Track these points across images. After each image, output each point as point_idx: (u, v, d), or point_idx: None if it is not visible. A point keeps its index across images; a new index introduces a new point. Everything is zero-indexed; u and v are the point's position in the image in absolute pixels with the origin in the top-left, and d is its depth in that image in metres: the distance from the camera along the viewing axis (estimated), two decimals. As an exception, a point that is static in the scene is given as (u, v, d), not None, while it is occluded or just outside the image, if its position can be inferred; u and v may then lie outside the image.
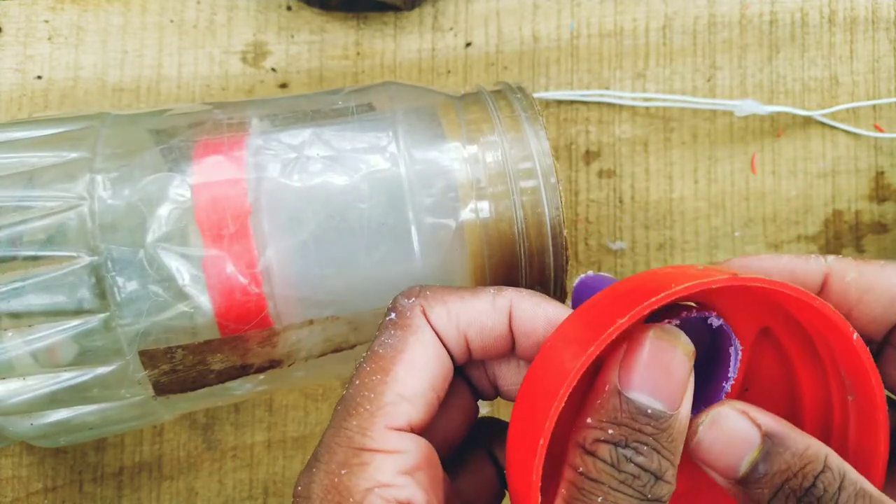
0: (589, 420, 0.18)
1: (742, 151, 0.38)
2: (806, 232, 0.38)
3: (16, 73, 0.35)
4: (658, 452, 0.18)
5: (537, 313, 0.22)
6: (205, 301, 0.24)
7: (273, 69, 0.36)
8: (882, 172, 0.38)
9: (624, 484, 0.17)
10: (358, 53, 0.36)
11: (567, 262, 0.27)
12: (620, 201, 0.37)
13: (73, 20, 0.35)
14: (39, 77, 0.35)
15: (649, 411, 0.18)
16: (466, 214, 0.26)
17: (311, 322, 0.26)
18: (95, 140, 0.26)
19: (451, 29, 0.37)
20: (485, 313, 0.22)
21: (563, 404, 0.18)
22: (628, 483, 0.17)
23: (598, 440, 0.18)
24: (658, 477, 0.18)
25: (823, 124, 0.38)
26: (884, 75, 0.38)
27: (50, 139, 0.26)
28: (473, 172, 0.26)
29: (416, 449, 0.20)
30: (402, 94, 0.28)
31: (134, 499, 0.35)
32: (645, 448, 0.18)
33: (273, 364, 0.26)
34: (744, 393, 0.23)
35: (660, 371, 0.18)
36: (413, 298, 0.22)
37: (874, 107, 0.38)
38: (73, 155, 0.26)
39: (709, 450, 0.19)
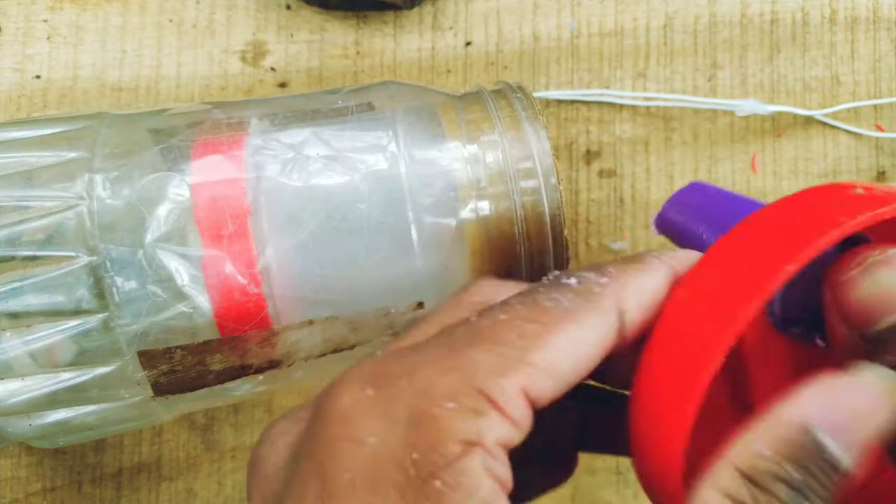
0: (765, 450, 0.15)
1: (743, 151, 0.38)
2: (807, 232, 0.38)
3: (14, 73, 0.35)
4: None
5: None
6: (204, 301, 0.24)
7: (272, 68, 0.36)
8: (883, 172, 0.38)
9: None
10: (358, 53, 0.36)
11: (567, 263, 0.27)
12: (621, 201, 0.37)
13: (71, 20, 0.35)
14: (38, 77, 0.35)
15: (837, 464, 0.15)
16: (466, 214, 0.26)
17: (310, 322, 0.26)
18: (94, 140, 0.26)
19: (451, 28, 0.37)
20: (658, 292, 0.18)
21: (719, 364, 0.15)
22: None
23: (777, 477, 0.15)
24: None
25: (824, 124, 0.38)
26: (885, 75, 0.38)
27: (48, 139, 0.26)
28: (473, 172, 0.26)
29: (525, 426, 0.16)
30: (401, 93, 0.28)
31: (133, 499, 0.35)
32: (819, 501, 0.15)
33: (272, 364, 0.26)
34: None
35: (860, 420, 0.15)
36: (606, 279, 0.17)
37: (875, 106, 0.38)
38: (72, 154, 0.26)
39: (854, 293, 0.16)
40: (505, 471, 0.15)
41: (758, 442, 0.15)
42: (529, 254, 0.27)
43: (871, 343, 0.16)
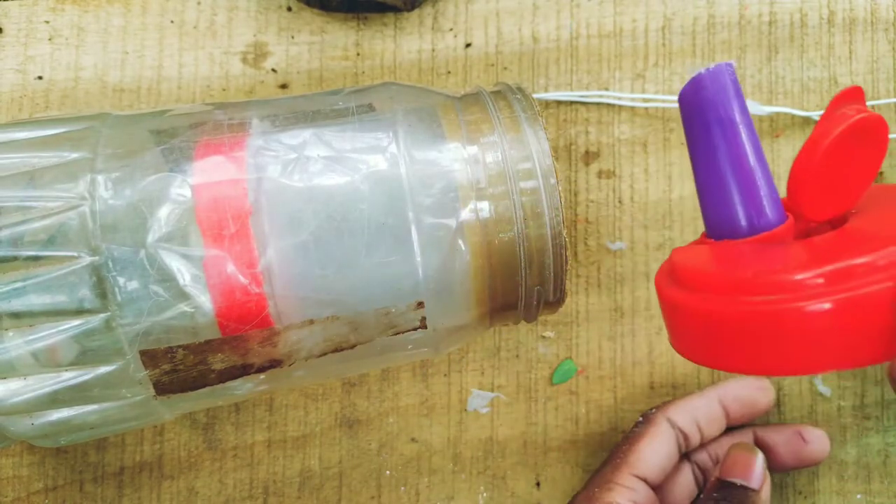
0: (715, 494, 0.31)
1: (741, 152, 0.38)
2: (805, 232, 0.38)
3: (16, 74, 0.35)
4: None
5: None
6: (205, 301, 0.25)
7: (273, 70, 0.36)
8: (881, 173, 0.38)
9: None
10: (358, 54, 0.37)
11: (567, 263, 0.27)
12: (620, 202, 0.37)
13: (73, 21, 0.35)
14: (40, 77, 0.35)
15: (739, 484, 0.31)
16: (466, 215, 0.26)
17: (311, 322, 0.26)
18: (96, 140, 0.26)
19: (451, 29, 0.37)
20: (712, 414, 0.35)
21: None
22: None
23: (715, 500, 0.31)
24: None
25: (822, 125, 0.38)
26: (882, 76, 0.38)
27: (51, 139, 0.26)
28: (473, 173, 0.26)
29: (644, 491, 0.32)
30: (402, 94, 0.29)
31: (135, 498, 0.35)
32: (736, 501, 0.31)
33: (273, 364, 0.27)
34: None
35: (744, 467, 0.31)
36: (654, 410, 0.34)
37: (873, 107, 0.38)
38: (74, 155, 0.26)
39: None
40: None
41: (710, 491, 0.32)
42: (529, 254, 0.27)
43: None
